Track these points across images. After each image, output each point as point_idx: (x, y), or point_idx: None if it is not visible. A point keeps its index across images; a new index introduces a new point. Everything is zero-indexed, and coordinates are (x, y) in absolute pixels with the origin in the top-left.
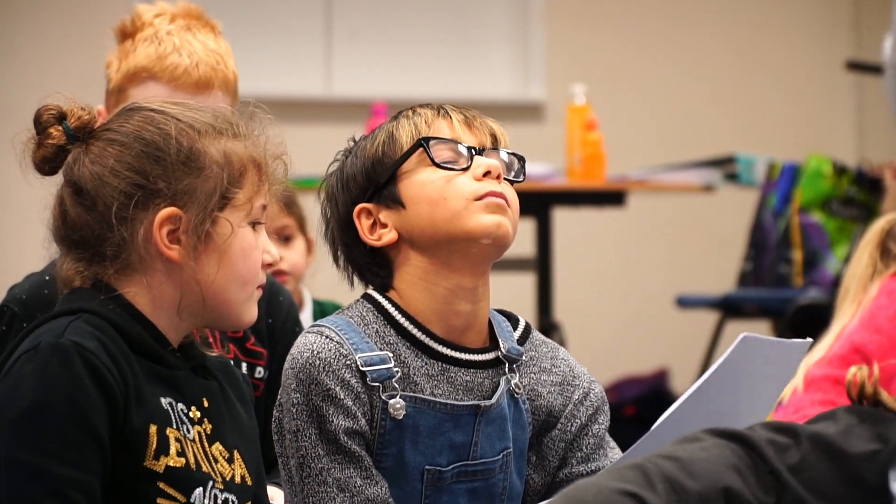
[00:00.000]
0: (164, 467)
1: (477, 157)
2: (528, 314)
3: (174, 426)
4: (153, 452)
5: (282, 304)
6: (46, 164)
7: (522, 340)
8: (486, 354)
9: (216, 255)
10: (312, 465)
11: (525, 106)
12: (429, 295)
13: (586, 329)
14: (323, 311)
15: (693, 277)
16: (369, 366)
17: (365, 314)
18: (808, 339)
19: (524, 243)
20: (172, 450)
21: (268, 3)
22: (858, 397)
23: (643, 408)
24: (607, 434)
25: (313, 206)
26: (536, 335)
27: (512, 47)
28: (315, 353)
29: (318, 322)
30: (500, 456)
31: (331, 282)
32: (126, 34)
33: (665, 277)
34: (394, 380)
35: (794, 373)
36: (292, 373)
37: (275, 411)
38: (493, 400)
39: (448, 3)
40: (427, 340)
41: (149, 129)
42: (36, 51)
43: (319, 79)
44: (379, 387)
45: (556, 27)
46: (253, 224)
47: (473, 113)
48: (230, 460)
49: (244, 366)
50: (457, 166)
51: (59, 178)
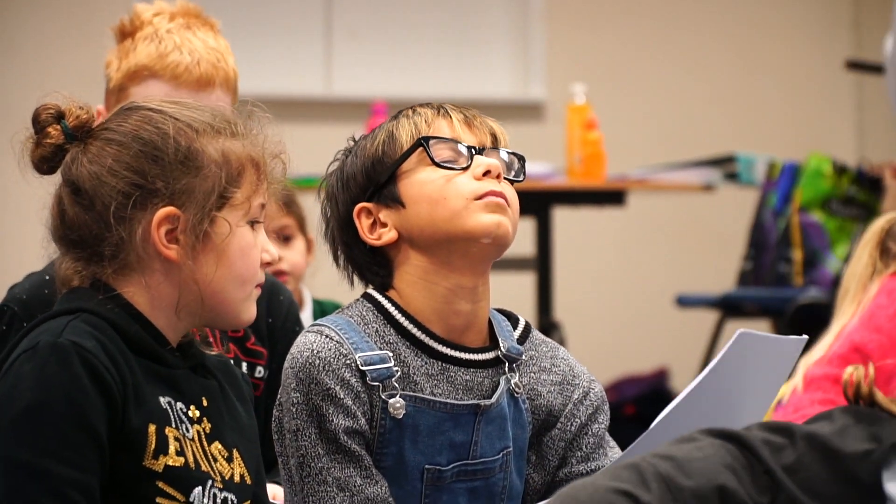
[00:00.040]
0: (163, 466)
1: (477, 157)
2: (528, 314)
3: (173, 425)
4: (152, 452)
5: (282, 304)
6: (45, 163)
7: (522, 340)
8: (486, 354)
9: (214, 254)
10: (312, 465)
11: (525, 105)
12: (429, 294)
13: (586, 328)
14: (323, 311)
15: (693, 277)
16: (369, 365)
17: (365, 313)
18: (804, 336)
19: (524, 243)
20: (171, 449)
21: (268, 2)
22: (854, 397)
23: (643, 407)
24: (607, 433)
25: (313, 205)
26: (536, 334)
27: (512, 47)
28: (315, 352)
29: (317, 321)
30: (500, 455)
31: (331, 281)
32: (125, 33)
33: (665, 277)
34: (393, 379)
35: (791, 369)
36: (292, 372)
37: (275, 411)
38: (493, 399)
39: (448, 3)
40: (427, 340)
41: (147, 129)
42: (35, 50)
43: (319, 78)
44: (379, 386)
45: (556, 27)
46: (251, 223)
47: (473, 112)
48: (229, 459)
49: (244, 365)
50: (457, 166)
51: (58, 177)
